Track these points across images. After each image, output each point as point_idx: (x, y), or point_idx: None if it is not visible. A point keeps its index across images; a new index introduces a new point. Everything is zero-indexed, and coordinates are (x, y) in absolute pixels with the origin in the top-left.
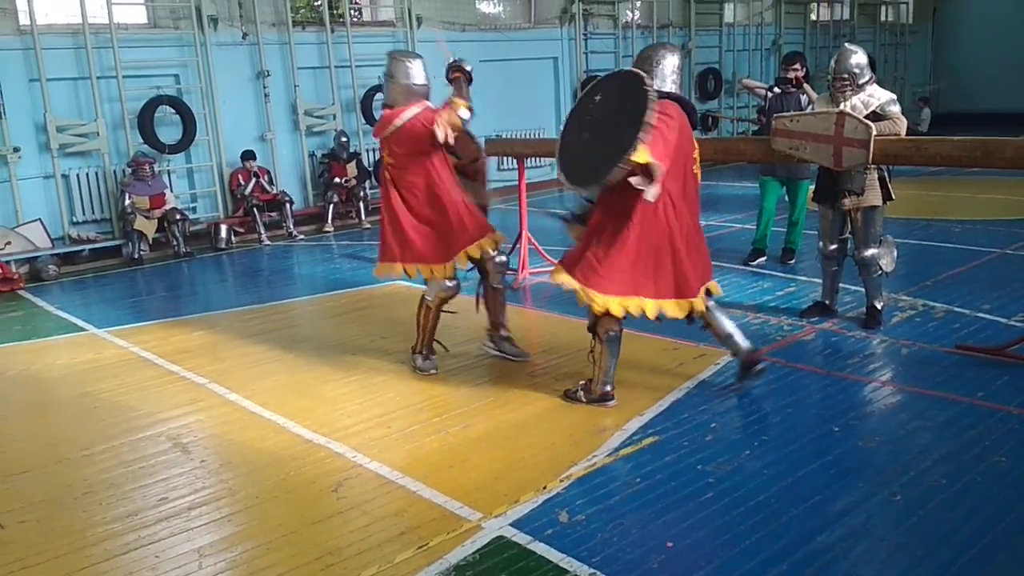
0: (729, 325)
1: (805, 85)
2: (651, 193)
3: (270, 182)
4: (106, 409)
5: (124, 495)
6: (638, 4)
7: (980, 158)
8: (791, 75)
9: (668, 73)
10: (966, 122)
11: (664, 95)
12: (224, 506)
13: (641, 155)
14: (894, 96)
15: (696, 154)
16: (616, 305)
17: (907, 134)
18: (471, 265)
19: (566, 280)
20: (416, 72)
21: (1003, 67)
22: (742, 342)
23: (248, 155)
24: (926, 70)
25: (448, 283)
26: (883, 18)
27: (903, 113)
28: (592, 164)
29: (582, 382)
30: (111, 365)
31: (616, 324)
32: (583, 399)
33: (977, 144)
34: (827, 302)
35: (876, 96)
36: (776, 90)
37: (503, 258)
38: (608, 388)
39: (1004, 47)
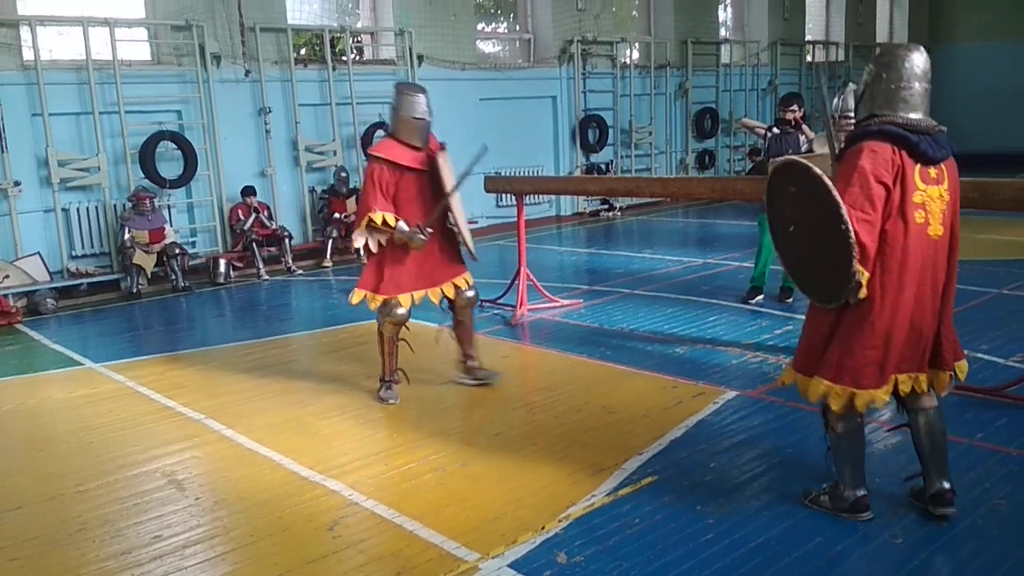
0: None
1: (803, 126)
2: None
3: (270, 217)
4: (101, 444)
5: (118, 532)
6: (636, 44)
7: (978, 199)
8: (789, 116)
9: (893, 90)
10: (960, 162)
11: (873, 133)
12: (218, 544)
13: (858, 269)
14: None
15: (922, 196)
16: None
17: None
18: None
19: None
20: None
21: (995, 108)
22: (938, 478)
23: (248, 191)
24: None
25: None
26: None
27: None
28: (821, 277)
29: (825, 485)
30: (107, 400)
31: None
32: (828, 505)
33: (975, 185)
34: None
35: None
36: (775, 130)
37: (472, 293)
38: (859, 494)
39: (996, 88)
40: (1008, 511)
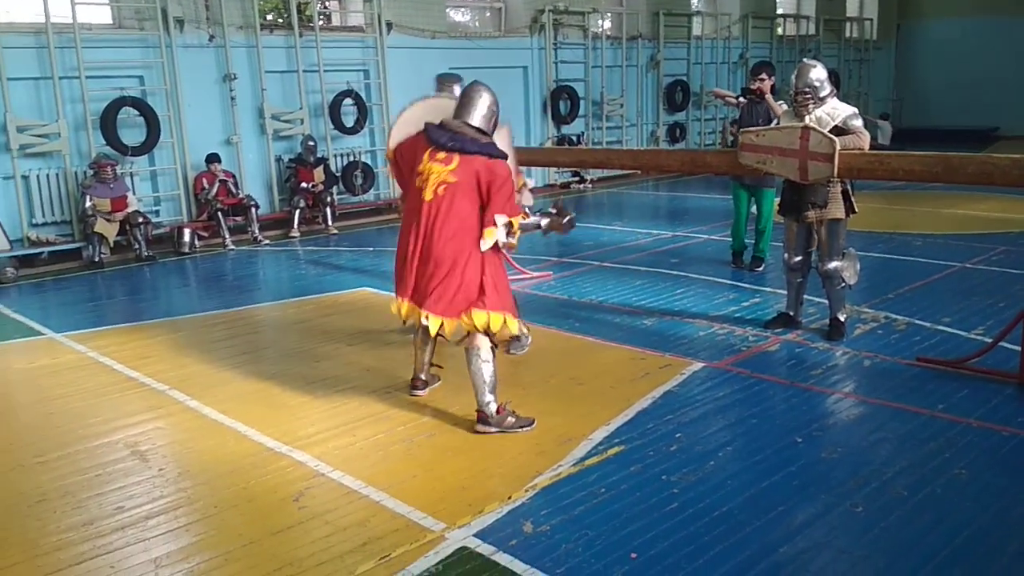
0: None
1: (768, 96)
2: None
3: (236, 186)
4: (62, 415)
5: (79, 503)
6: (608, 15)
7: (942, 173)
8: (755, 85)
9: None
10: (926, 138)
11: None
12: (182, 515)
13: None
14: (855, 110)
15: (421, 168)
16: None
17: (869, 148)
18: None
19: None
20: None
21: (962, 85)
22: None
23: (213, 158)
24: (889, 86)
25: None
26: (848, 34)
27: (865, 127)
28: None
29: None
30: (68, 370)
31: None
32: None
33: (939, 159)
34: (791, 313)
35: (839, 110)
36: (742, 100)
37: None
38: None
39: (963, 65)
40: (967, 481)
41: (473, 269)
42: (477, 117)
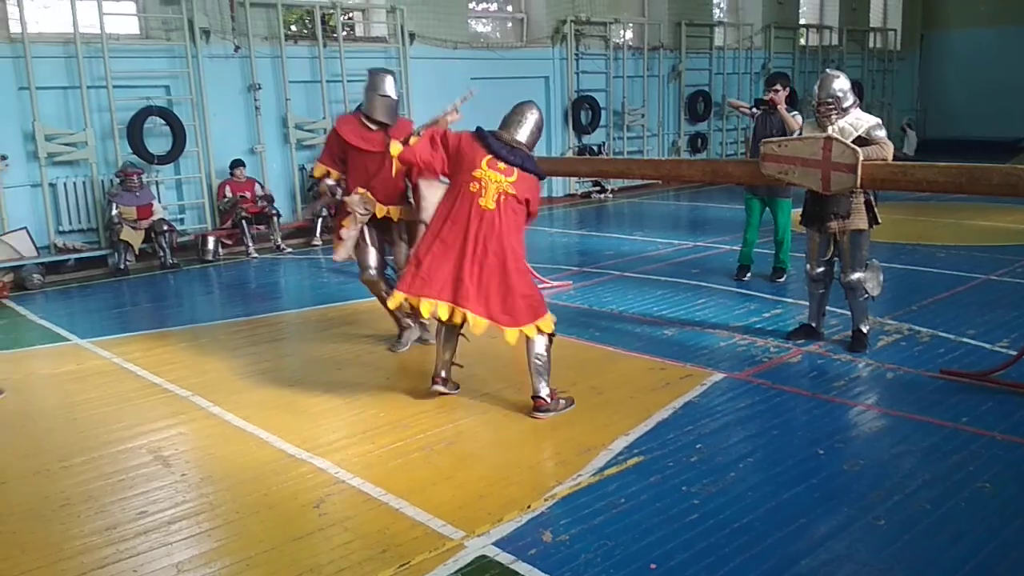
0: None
1: (781, 107)
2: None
3: (266, 199)
4: (86, 420)
5: (102, 508)
6: (630, 26)
7: (966, 184)
8: (768, 96)
9: (509, 120)
10: (950, 149)
11: (474, 132)
12: (204, 521)
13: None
14: (879, 120)
15: (478, 175)
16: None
17: (893, 159)
18: None
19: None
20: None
21: (986, 95)
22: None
23: (237, 163)
24: (912, 97)
25: None
26: (871, 44)
27: (889, 138)
28: None
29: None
30: (93, 376)
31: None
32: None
33: (963, 170)
34: (813, 324)
35: (862, 120)
36: (755, 111)
37: None
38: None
39: (988, 76)
40: (991, 495)
41: (526, 277)
42: (524, 134)
